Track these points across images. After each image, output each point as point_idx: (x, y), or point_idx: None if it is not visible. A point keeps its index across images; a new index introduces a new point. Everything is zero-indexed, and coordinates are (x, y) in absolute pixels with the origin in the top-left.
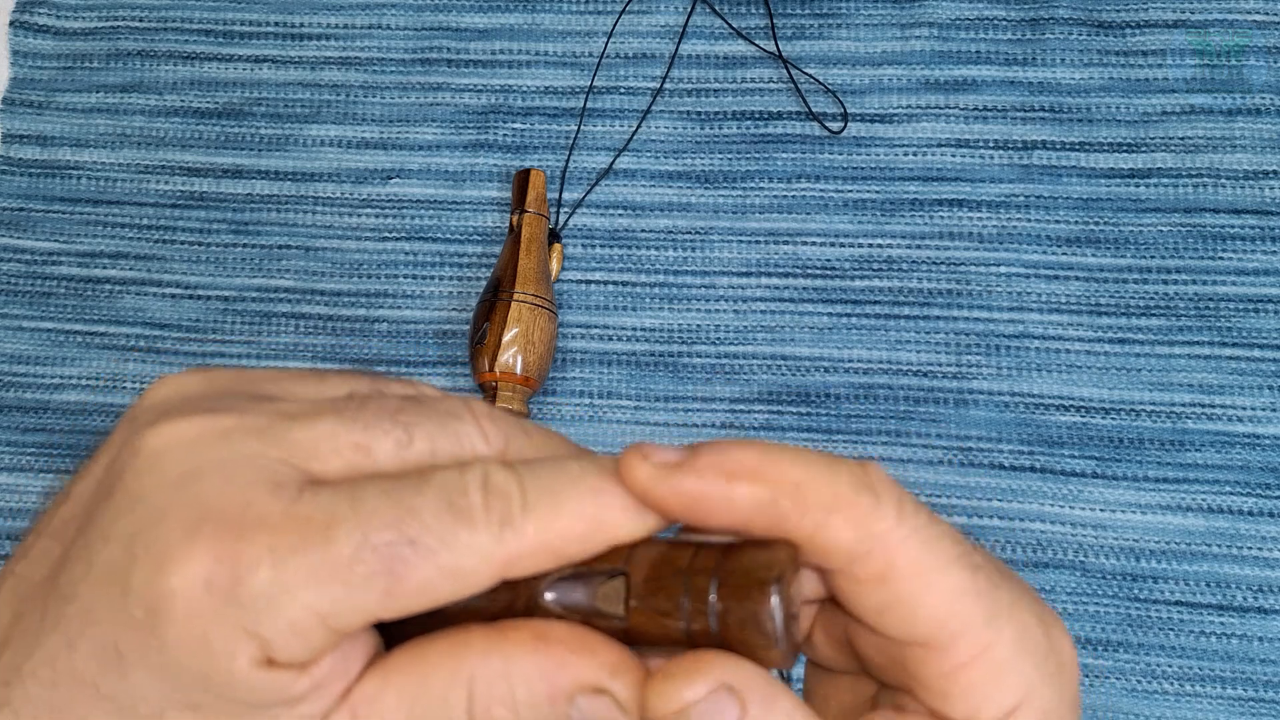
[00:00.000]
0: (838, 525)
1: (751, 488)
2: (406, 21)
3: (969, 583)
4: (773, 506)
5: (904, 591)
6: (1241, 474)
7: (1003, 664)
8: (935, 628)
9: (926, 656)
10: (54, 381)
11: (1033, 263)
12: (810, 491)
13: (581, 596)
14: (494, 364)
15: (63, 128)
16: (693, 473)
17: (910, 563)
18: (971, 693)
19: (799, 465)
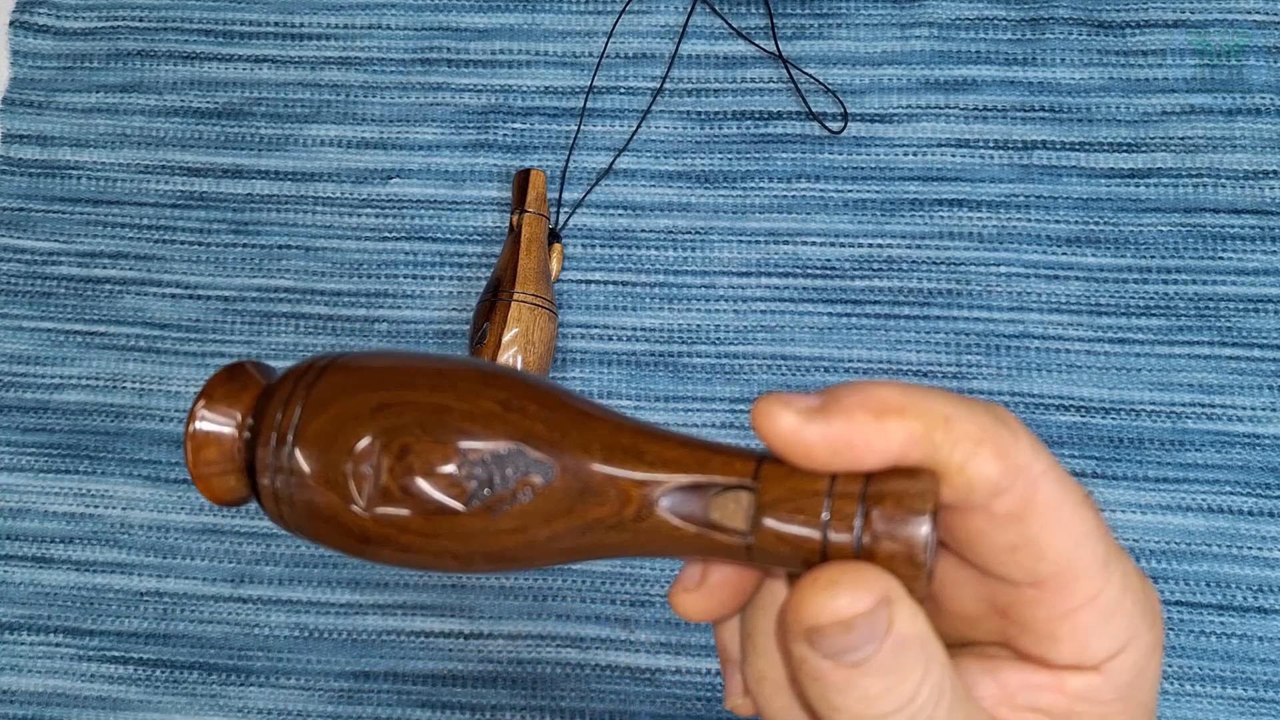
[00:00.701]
0: (985, 457)
1: (903, 422)
2: (406, 21)
3: (1093, 525)
4: (925, 440)
5: (1037, 529)
6: (1241, 474)
7: (1112, 607)
8: (1060, 567)
9: (1040, 598)
10: (54, 381)
11: (1033, 263)
12: (958, 423)
13: (698, 508)
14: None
15: (63, 128)
16: (841, 413)
17: (1047, 499)
18: (1081, 635)
19: (943, 400)
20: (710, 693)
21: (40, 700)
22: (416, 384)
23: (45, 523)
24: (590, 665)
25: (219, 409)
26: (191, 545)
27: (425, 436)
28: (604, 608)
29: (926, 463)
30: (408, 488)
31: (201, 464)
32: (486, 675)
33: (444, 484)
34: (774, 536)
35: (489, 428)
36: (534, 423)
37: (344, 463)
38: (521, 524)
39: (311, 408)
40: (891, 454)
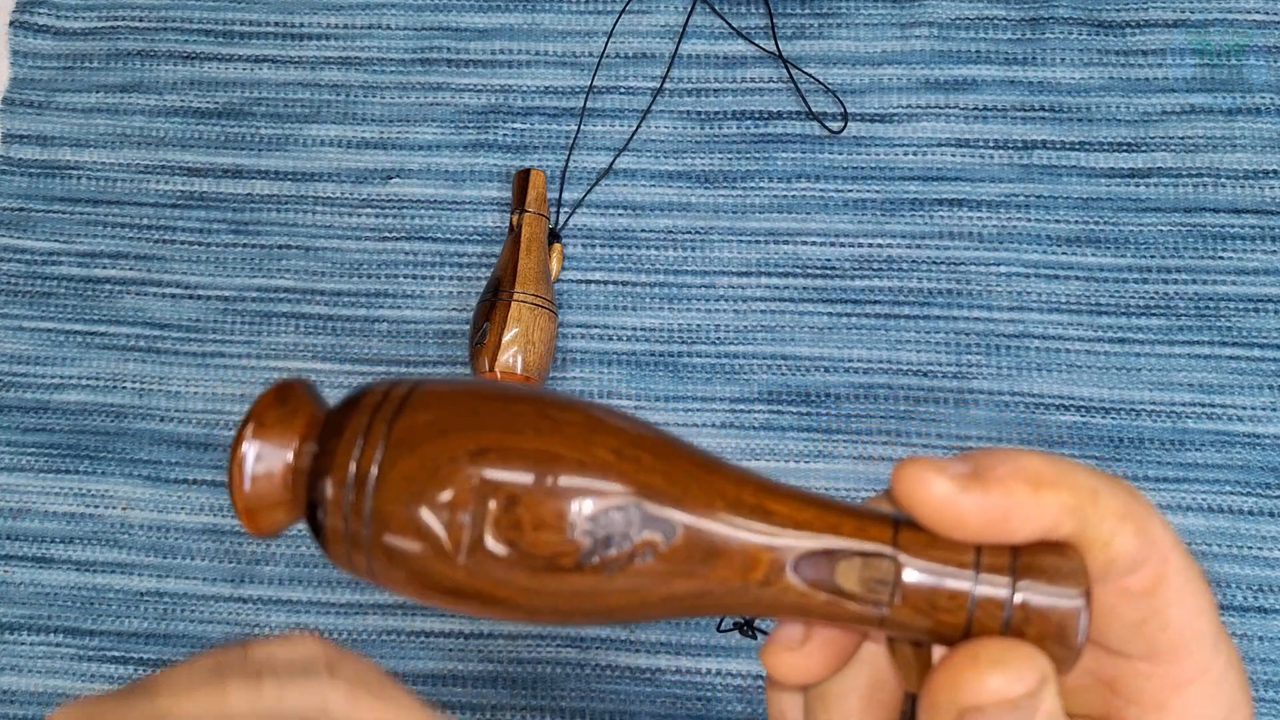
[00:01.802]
0: (1129, 533)
1: (1057, 494)
2: (406, 21)
3: (1210, 603)
4: (1076, 513)
5: (1165, 605)
6: (1241, 473)
7: (1220, 682)
8: (1181, 642)
9: (1154, 672)
10: (54, 381)
11: (1033, 262)
12: (1105, 499)
13: (826, 573)
14: (494, 364)
15: (63, 128)
16: (997, 484)
17: (1177, 576)
18: (1189, 708)
19: (1088, 474)
20: (710, 693)
21: (40, 700)
22: (520, 427)
23: (45, 523)
24: (590, 665)
25: (272, 436)
26: (191, 545)
27: (535, 487)
28: None
29: (1076, 537)
30: (515, 542)
31: (252, 497)
32: (487, 675)
33: (555, 540)
34: (914, 608)
35: (604, 479)
36: (651, 475)
37: (439, 511)
38: (636, 585)
39: (396, 446)
40: (1045, 527)
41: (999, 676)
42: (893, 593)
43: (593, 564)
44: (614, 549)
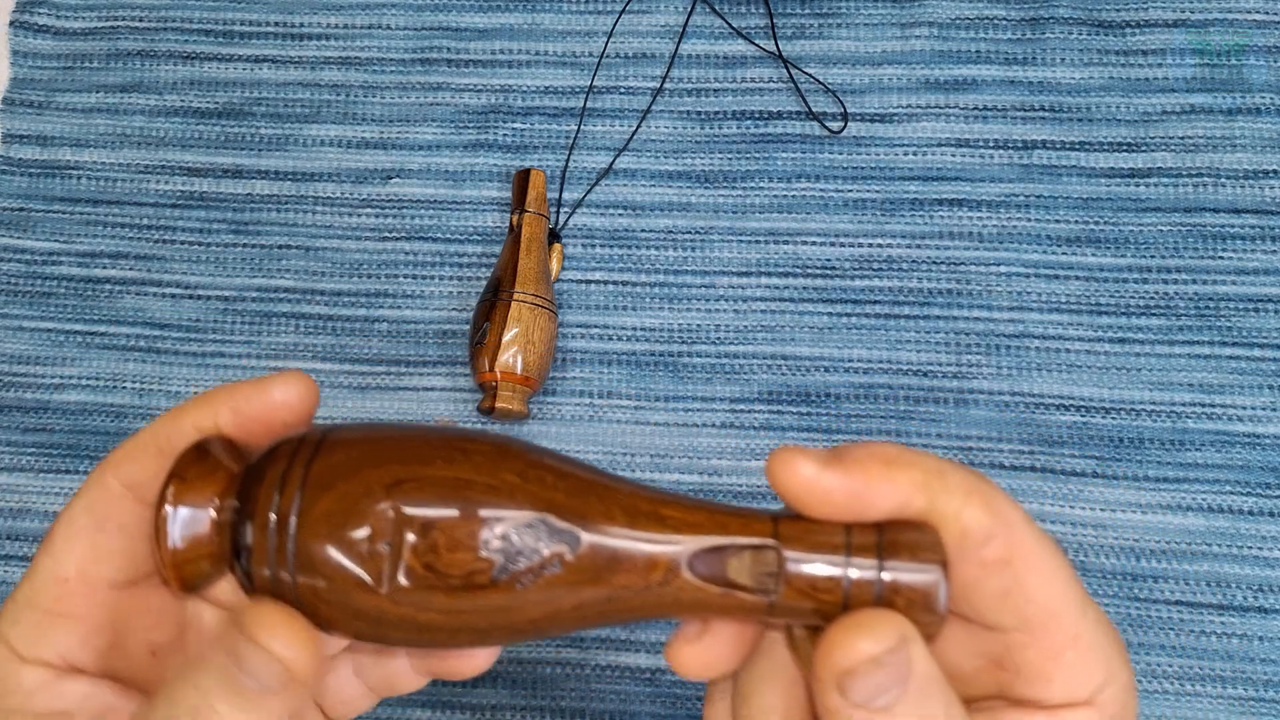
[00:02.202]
0: (976, 506)
1: (907, 471)
2: (406, 21)
3: (1068, 571)
4: (924, 488)
5: (1023, 573)
6: (1242, 473)
7: (1094, 645)
8: (1045, 609)
9: (1031, 642)
10: (54, 381)
11: (1033, 262)
12: (950, 476)
13: (719, 569)
14: (494, 364)
15: (63, 128)
16: (854, 463)
17: (1030, 547)
18: (1070, 673)
19: (934, 458)
20: None
21: None
22: (430, 458)
23: (45, 523)
24: (590, 665)
25: (195, 493)
26: None
27: (448, 512)
28: None
29: (928, 511)
30: (432, 565)
31: (178, 554)
32: (486, 675)
33: (470, 559)
34: (798, 591)
35: (512, 500)
36: (555, 493)
37: (359, 544)
38: (548, 596)
39: (314, 487)
40: (899, 500)
41: (863, 639)
42: (778, 580)
43: (505, 579)
44: (524, 563)
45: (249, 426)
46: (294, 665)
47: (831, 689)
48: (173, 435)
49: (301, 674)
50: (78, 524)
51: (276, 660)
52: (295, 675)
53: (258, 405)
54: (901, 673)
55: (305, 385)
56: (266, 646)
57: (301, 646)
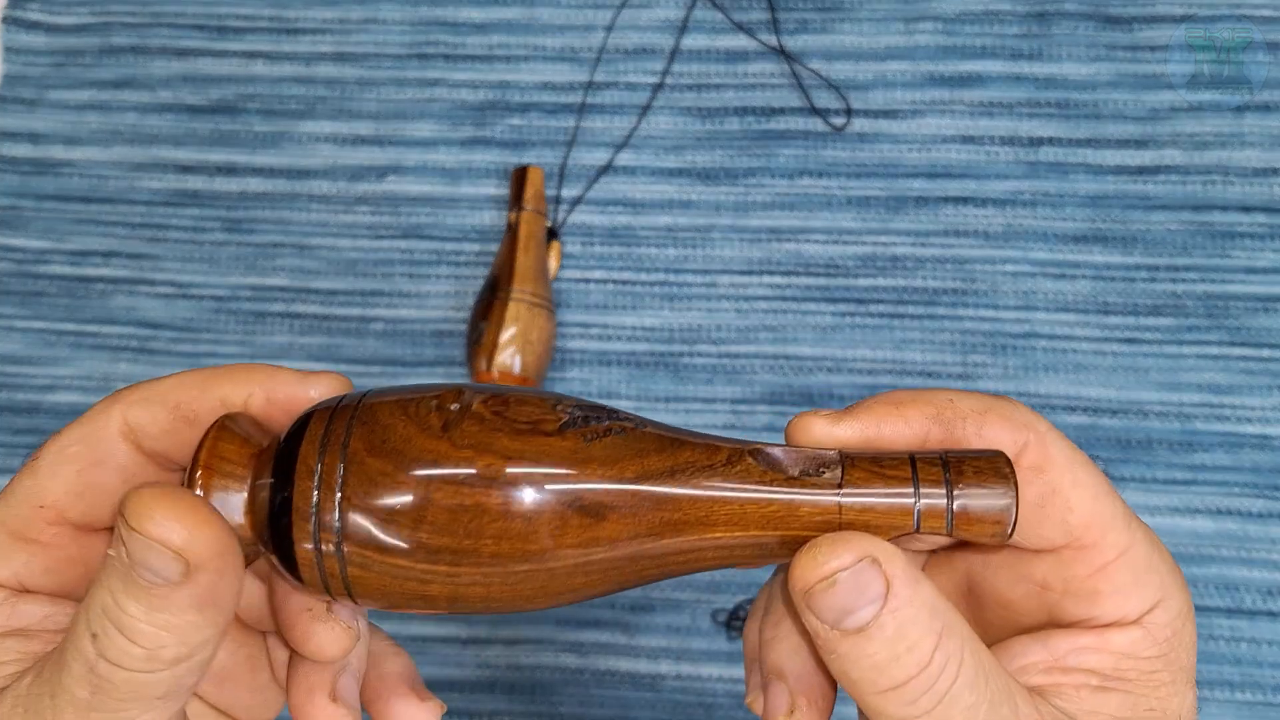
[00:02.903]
0: (995, 422)
1: (917, 406)
2: (402, 16)
3: (1106, 484)
4: (937, 418)
5: (1058, 479)
6: (1251, 475)
7: (1143, 563)
8: (1088, 519)
9: (1078, 556)
10: (45, 382)
11: (1040, 261)
12: (961, 401)
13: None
14: (491, 364)
15: (54, 125)
16: (864, 410)
17: (1061, 455)
18: (1119, 588)
19: (945, 389)
20: (711, 698)
21: None
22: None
23: None
24: (590, 671)
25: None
26: None
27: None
28: (604, 613)
29: (947, 438)
30: (501, 412)
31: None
32: (484, 681)
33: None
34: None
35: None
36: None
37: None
38: (613, 454)
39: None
40: (915, 436)
41: (815, 558)
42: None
43: (572, 430)
44: (591, 422)
45: (274, 414)
46: (193, 554)
47: (805, 610)
48: (196, 401)
49: (203, 560)
50: (69, 451)
51: (169, 551)
52: (197, 563)
53: (293, 398)
54: (869, 591)
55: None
56: (155, 536)
57: (198, 533)
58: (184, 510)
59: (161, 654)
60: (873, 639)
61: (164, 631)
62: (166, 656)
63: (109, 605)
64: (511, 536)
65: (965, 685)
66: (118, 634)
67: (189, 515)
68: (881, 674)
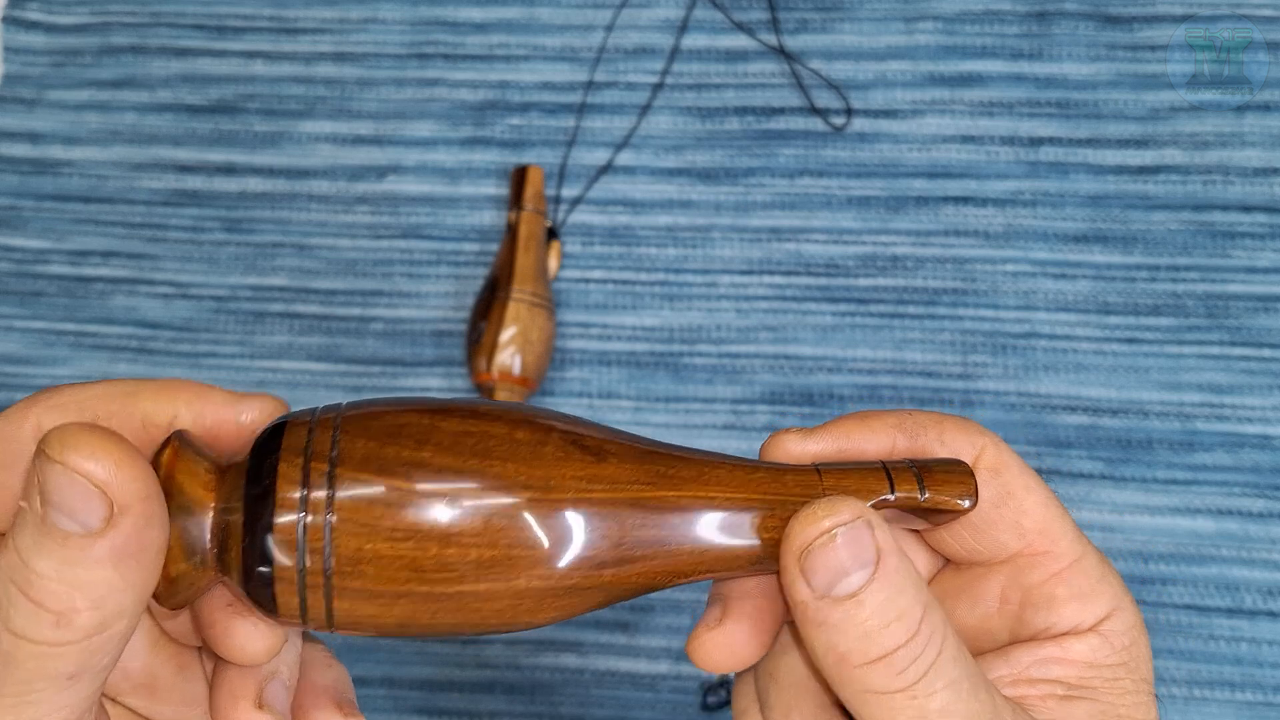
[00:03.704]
0: (953, 430)
1: (883, 419)
2: (402, 15)
3: (1054, 497)
4: (900, 427)
5: (1014, 485)
6: (1252, 475)
7: (1095, 573)
8: (1041, 525)
9: (1033, 564)
10: (45, 382)
11: (1040, 260)
12: (918, 414)
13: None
14: (491, 364)
15: (54, 124)
16: (833, 426)
17: (1015, 463)
18: (1075, 594)
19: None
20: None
21: None
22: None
23: None
24: (589, 671)
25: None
26: None
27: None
28: (603, 613)
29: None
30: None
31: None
32: (484, 681)
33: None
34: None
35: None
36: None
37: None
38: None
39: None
40: (882, 446)
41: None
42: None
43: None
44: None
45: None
46: (118, 493)
47: (797, 576)
48: (116, 416)
49: (128, 501)
50: None
51: (93, 487)
52: (123, 508)
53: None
54: (862, 555)
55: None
56: (78, 468)
57: (124, 469)
58: (111, 446)
59: (74, 620)
60: (864, 604)
61: (77, 591)
62: (79, 624)
63: (15, 566)
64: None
65: (949, 659)
66: (23, 599)
67: (116, 451)
68: (871, 642)
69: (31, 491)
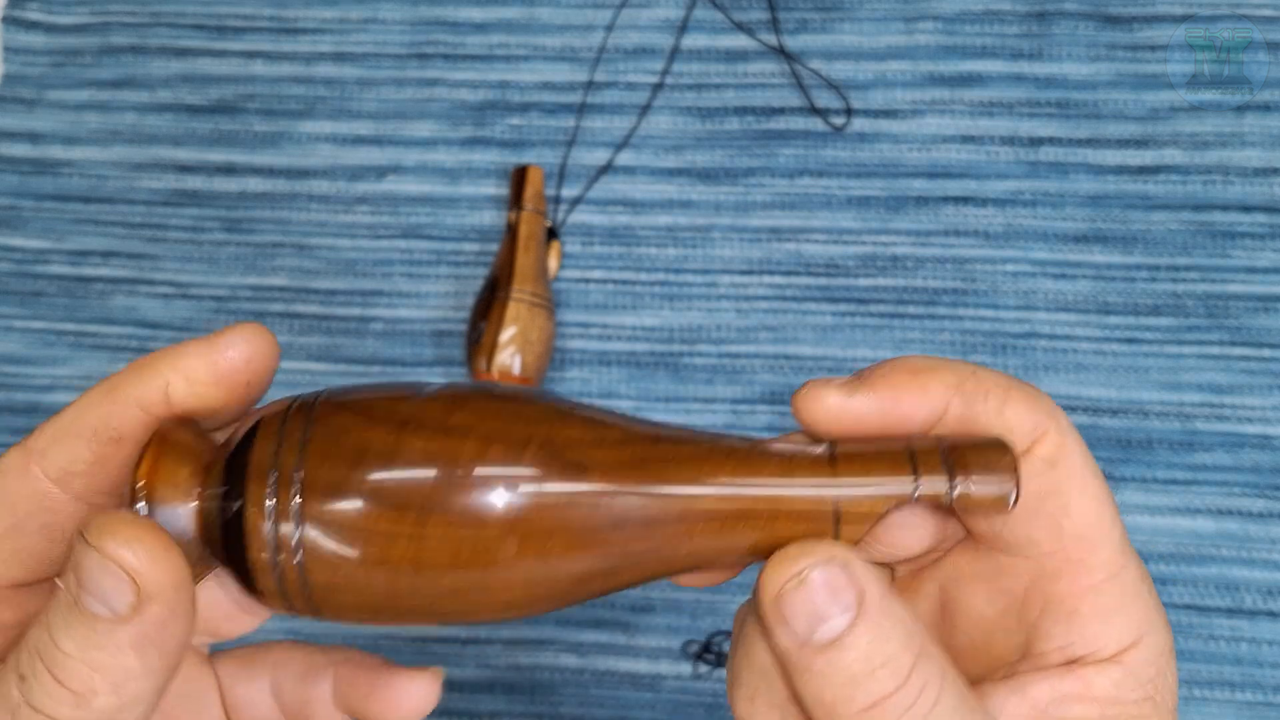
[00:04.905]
0: (1018, 401)
1: (938, 375)
2: (402, 15)
3: (1110, 502)
4: (958, 389)
5: (1066, 483)
6: (1252, 475)
7: (1131, 592)
8: (1083, 531)
9: (1063, 571)
10: (44, 382)
11: (1040, 260)
12: (984, 375)
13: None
14: (491, 364)
15: (54, 124)
16: (881, 379)
17: (1076, 456)
18: (1102, 613)
19: (964, 362)
20: (712, 699)
21: None
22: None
23: None
24: (589, 671)
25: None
26: None
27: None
28: (604, 613)
29: (967, 412)
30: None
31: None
32: (483, 681)
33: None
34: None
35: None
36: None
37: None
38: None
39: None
40: (934, 408)
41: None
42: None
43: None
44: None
45: (205, 394)
46: (147, 581)
47: (776, 622)
48: (112, 416)
49: (157, 589)
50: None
51: (124, 573)
52: (149, 596)
53: (212, 368)
54: (841, 597)
55: (262, 338)
56: (112, 555)
57: (157, 559)
58: (146, 536)
59: (91, 701)
60: (847, 650)
61: (97, 673)
62: (96, 705)
63: (44, 643)
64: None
65: (949, 709)
66: (47, 675)
67: (150, 540)
68: (858, 689)
69: (68, 572)
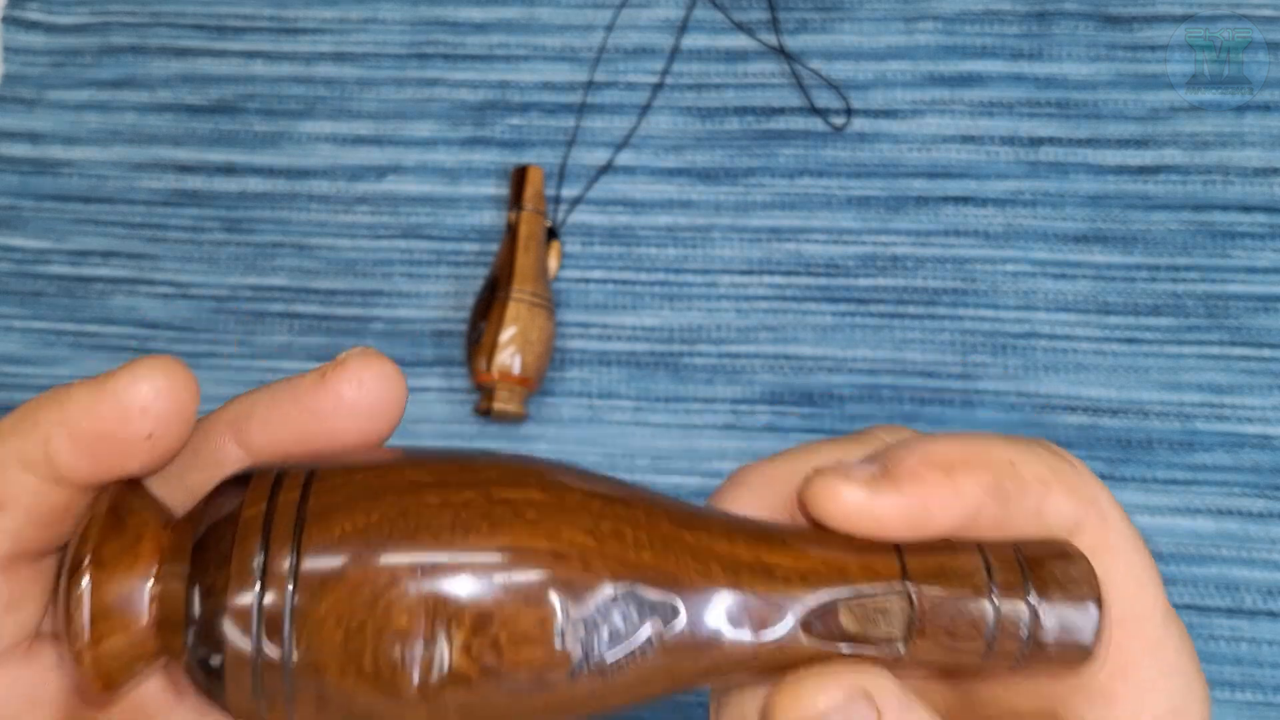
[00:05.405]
0: (1058, 496)
1: (974, 474)
2: (402, 15)
3: (1154, 575)
4: (997, 490)
5: (1109, 568)
6: (1252, 475)
7: (1170, 667)
8: (1125, 615)
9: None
10: (45, 382)
11: (1040, 260)
12: (1024, 467)
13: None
14: (491, 364)
15: (54, 124)
16: (909, 477)
17: (1120, 538)
18: (1137, 690)
19: (1001, 444)
20: None
21: None
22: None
23: None
24: None
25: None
26: None
27: (508, 595)
28: None
29: (1004, 516)
30: (493, 669)
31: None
32: None
33: (542, 655)
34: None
35: (589, 570)
36: (640, 552)
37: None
38: (640, 678)
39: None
40: (967, 512)
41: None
42: (908, 630)
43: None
44: (612, 650)
45: (97, 450)
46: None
47: None
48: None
49: None
50: None
51: None
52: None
53: (103, 418)
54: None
55: (171, 377)
56: None
57: None
58: None
59: None
60: None
61: None
62: None
63: None
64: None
65: None
66: None
67: None
68: None
69: None
